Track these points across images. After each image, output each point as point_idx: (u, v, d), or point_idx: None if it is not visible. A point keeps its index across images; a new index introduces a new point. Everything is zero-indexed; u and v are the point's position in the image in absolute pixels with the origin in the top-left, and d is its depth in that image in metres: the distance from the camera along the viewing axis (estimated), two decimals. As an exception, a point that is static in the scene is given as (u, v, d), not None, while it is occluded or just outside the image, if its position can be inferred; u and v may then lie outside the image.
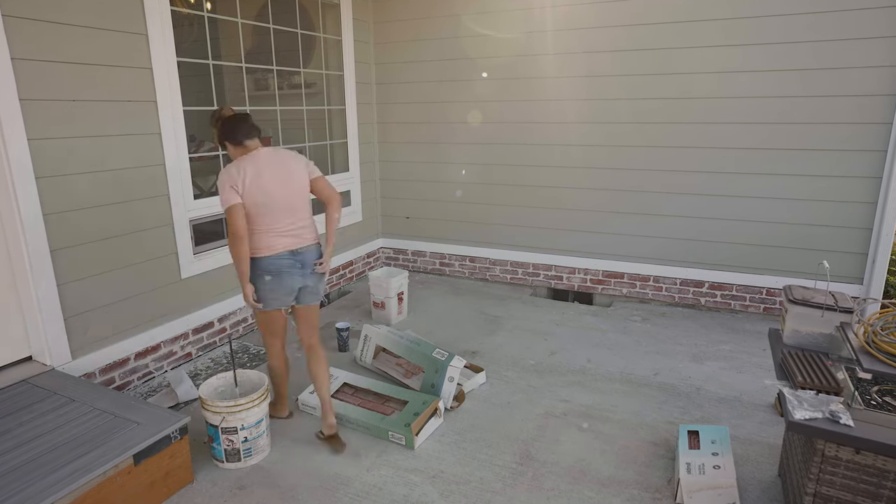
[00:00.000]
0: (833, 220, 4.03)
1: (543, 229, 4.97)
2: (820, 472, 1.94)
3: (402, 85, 5.25)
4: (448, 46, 4.95)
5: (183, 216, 3.54)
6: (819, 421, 1.89)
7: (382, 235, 5.76)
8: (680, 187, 4.40)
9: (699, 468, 2.32)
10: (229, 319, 3.98)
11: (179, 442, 2.44)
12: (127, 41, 3.12)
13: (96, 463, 2.15)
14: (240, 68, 4.04)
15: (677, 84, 4.23)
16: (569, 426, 2.93)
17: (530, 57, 4.66)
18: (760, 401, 3.16)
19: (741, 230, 4.29)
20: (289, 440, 2.82)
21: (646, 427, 2.91)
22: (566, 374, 3.50)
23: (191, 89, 3.60)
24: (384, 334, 3.51)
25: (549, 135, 4.75)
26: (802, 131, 3.98)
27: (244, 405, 2.53)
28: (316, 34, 4.73)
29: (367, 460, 2.66)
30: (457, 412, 3.06)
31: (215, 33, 3.90)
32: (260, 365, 3.64)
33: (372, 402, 3.06)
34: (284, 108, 4.46)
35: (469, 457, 2.68)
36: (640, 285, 4.73)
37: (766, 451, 2.69)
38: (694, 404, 3.13)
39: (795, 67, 3.90)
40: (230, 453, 2.58)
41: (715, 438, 2.47)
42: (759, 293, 4.37)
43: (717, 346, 3.88)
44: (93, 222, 3.04)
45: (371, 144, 5.46)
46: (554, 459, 2.65)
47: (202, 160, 3.93)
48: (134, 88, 3.18)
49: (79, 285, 2.99)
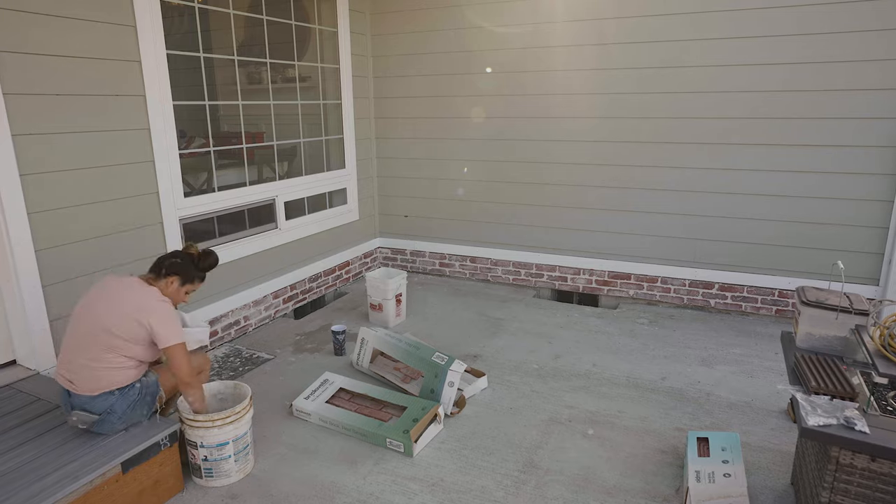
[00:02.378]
0: (848, 218, 4.02)
1: (547, 228, 4.97)
2: (834, 481, 1.93)
3: (401, 78, 5.25)
4: (449, 38, 4.95)
5: (172, 215, 3.54)
6: (833, 427, 1.88)
7: (380, 235, 5.76)
8: (689, 184, 4.39)
9: (709, 476, 2.31)
10: (221, 322, 3.98)
11: (169, 449, 2.44)
12: (114, 33, 3.11)
13: (83, 471, 2.15)
14: (232, 61, 4.04)
15: (687, 78, 4.22)
16: (573, 433, 2.92)
17: (535, 50, 4.65)
18: (773, 406, 3.15)
19: (752, 229, 4.29)
20: (283, 447, 2.82)
21: (653, 434, 2.91)
22: (571, 378, 3.49)
23: (181, 83, 3.60)
24: (382, 337, 3.50)
25: (553, 130, 4.74)
26: (815, 127, 3.98)
27: (201, 422, 2.43)
28: (311, 26, 4.72)
29: (364, 468, 2.66)
30: (457, 418, 3.06)
31: (206, 25, 3.89)
32: (252, 370, 3.64)
33: (369, 408, 3.06)
34: (278, 102, 4.46)
35: (470, 465, 2.68)
36: (648, 287, 4.72)
37: (778, 458, 2.69)
38: (703, 410, 3.12)
39: (809, 60, 3.90)
40: (194, 468, 2.55)
41: (725, 445, 2.47)
42: (771, 295, 4.36)
43: (727, 349, 3.87)
44: (79, 221, 3.03)
45: (368, 140, 5.46)
46: (558, 467, 2.65)
47: (193, 157, 3.93)
48: (122, 82, 3.18)
49: (65, 286, 2.98)
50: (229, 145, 4.18)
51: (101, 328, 2.32)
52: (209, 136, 3.89)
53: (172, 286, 2.51)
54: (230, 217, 4.04)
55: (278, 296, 4.51)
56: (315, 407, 3.04)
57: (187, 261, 2.56)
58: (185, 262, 2.55)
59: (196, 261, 2.59)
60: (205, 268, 2.62)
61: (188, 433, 2.48)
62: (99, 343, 2.32)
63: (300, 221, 4.68)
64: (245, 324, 4.21)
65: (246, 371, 3.63)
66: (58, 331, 2.97)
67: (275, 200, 4.40)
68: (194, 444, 2.49)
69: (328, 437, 2.91)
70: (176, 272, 2.51)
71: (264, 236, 4.30)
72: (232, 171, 4.27)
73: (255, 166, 4.53)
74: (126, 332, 2.33)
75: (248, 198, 4.14)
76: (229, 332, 4.08)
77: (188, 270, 2.55)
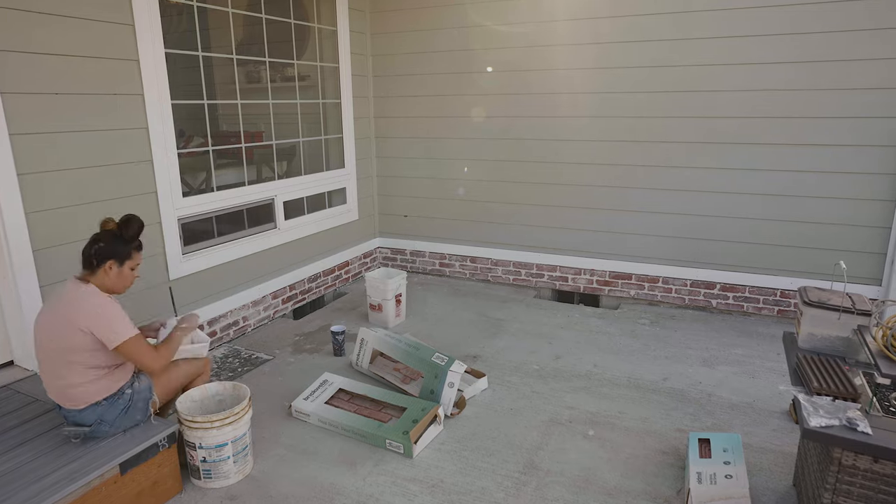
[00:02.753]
0: (850, 218, 4.03)
1: (548, 228, 4.97)
2: (837, 482, 1.94)
3: (401, 77, 5.25)
4: (450, 37, 4.95)
5: (171, 214, 3.54)
6: (836, 428, 1.88)
7: (380, 235, 5.76)
8: (690, 184, 4.40)
9: (710, 478, 2.32)
10: (220, 322, 3.99)
11: (168, 450, 2.44)
12: (112, 32, 3.12)
13: (80, 472, 2.15)
14: (230, 60, 4.04)
15: (684, 77, 4.23)
16: (574, 434, 2.93)
17: (538, 48, 4.66)
18: (774, 407, 3.16)
19: (754, 229, 4.29)
20: (282, 448, 2.82)
21: (654, 435, 2.91)
22: (571, 379, 3.50)
23: (179, 82, 3.61)
24: (381, 338, 3.51)
25: (554, 130, 4.75)
26: (817, 125, 3.98)
27: (200, 423, 2.44)
28: (310, 24, 4.73)
29: (364, 469, 2.66)
30: (457, 419, 3.07)
31: (205, 24, 3.90)
32: (251, 370, 3.65)
33: (368, 409, 3.07)
34: (277, 101, 4.46)
35: (470, 466, 2.68)
36: (649, 287, 4.73)
37: (780, 459, 2.69)
38: (705, 411, 3.13)
39: (810, 59, 3.90)
40: (192, 469, 2.56)
41: (727, 447, 2.47)
42: (773, 295, 4.37)
43: (729, 350, 3.88)
44: (77, 221, 3.03)
45: (368, 140, 5.46)
46: (558, 468, 2.65)
47: (191, 156, 3.94)
48: (120, 81, 3.18)
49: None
50: (228, 145, 4.18)
51: (51, 349, 2.24)
52: (208, 136, 3.89)
53: (112, 272, 2.31)
54: (229, 217, 4.04)
55: (277, 296, 4.52)
56: (314, 408, 3.05)
57: (111, 239, 2.32)
58: (110, 242, 2.31)
59: (120, 234, 2.34)
60: (132, 237, 2.36)
61: (187, 434, 2.49)
62: (58, 361, 2.25)
63: (299, 221, 4.68)
64: (244, 324, 4.21)
65: (245, 372, 3.64)
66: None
67: (274, 200, 4.40)
68: (193, 445, 2.49)
69: (327, 438, 2.91)
70: (107, 256, 2.29)
71: (263, 236, 4.30)
72: (231, 170, 4.27)
73: (254, 166, 4.53)
74: (74, 344, 2.21)
75: (246, 197, 4.15)
76: (228, 333, 4.08)
77: (117, 248, 2.31)
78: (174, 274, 3.59)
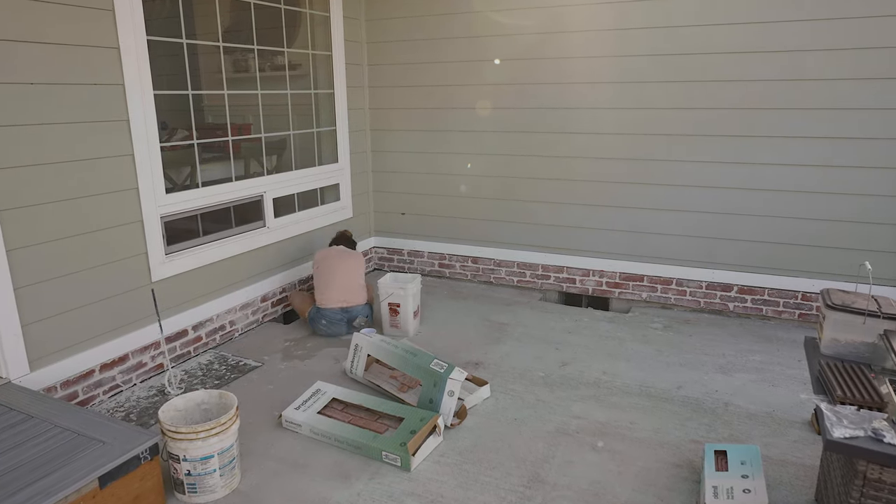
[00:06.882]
0: (876, 216, 4.03)
1: (554, 226, 4.97)
2: (861, 497, 1.94)
3: (398, 66, 5.25)
4: (450, 23, 4.95)
5: (153, 212, 3.54)
6: (860, 440, 1.88)
7: (375, 234, 5.77)
8: (706, 180, 4.40)
9: (727, 492, 2.32)
10: (205, 327, 3.99)
11: (150, 463, 2.44)
12: (90, 17, 3.11)
13: (57, 486, 2.14)
14: (217, 48, 4.04)
15: (704, 68, 4.22)
16: (582, 445, 2.93)
17: (545, 35, 4.65)
18: (795, 417, 3.16)
19: (774, 227, 4.29)
20: (272, 461, 2.82)
21: (667, 446, 2.91)
22: (579, 387, 3.50)
23: (162, 71, 3.61)
24: (377, 344, 3.51)
25: (561, 122, 4.75)
26: (842, 117, 3.97)
27: (184, 434, 2.45)
28: (301, 9, 4.73)
29: (359, 483, 2.66)
30: (458, 430, 3.07)
31: (189, 9, 3.90)
32: (239, 378, 3.65)
33: (364, 419, 3.07)
34: (266, 92, 4.47)
35: (471, 479, 2.68)
36: (662, 289, 4.73)
37: (801, 472, 2.69)
38: (721, 421, 3.13)
39: (834, 47, 3.90)
40: (176, 483, 2.56)
41: (745, 459, 2.47)
42: (794, 297, 4.37)
43: (747, 356, 3.88)
44: (53, 219, 3.03)
45: (363, 132, 5.46)
46: (565, 482, 2.65)
47: (175, 150, 3.94)
48: (99, 70, 3.18)
49: (38, 289, 2.99)
50: (214, 138, 4.19)
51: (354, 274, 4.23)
52: (192, 128, 3.89)
53: None
54: (215, 215, 4.04)
55: (267, 299, 4.52)
56: (306, 418, 3.05)
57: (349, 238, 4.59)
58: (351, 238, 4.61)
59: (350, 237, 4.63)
60: None
61: (170, 445, 2.49)
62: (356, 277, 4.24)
63: (290, 219, 4.69)
64: (231, 329, 4.21)
65: (232, 379, 3.64)
66: (31, 336, 2.97)
67: (263, 197, 4.40)
68: (177, 458, 2.49)
69: (320, 450, 2.91)
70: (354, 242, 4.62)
71: (251, 235, 4.30)
72: (217, 165, 4.28)
73: (242, 160, 4.54)
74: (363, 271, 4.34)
75: (234, 194, 4.15)
76: (214, 338, 4.08)
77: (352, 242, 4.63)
78: (157, 276, 3.59)
